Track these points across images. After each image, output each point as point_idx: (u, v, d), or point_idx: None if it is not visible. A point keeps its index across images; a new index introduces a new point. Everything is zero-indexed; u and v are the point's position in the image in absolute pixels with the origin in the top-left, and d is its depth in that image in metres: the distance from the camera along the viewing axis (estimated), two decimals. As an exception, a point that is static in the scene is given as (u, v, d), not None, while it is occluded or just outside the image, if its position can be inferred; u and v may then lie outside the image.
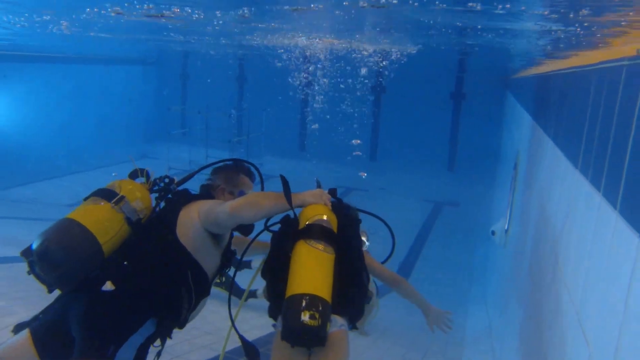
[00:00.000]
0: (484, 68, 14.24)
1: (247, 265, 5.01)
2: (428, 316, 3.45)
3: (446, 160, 17.14)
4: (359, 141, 14.79)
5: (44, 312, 2.55)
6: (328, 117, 16.39)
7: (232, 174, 3.02)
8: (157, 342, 2.62)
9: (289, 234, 2.61)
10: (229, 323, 2.89)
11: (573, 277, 2.55)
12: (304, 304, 2.22)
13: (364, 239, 6.16)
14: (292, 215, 2.72)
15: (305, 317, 2.18)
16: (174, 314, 2.62)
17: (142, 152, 19.51)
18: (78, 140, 17.16)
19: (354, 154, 14.95)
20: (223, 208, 2.57)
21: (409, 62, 13.67)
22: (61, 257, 2.39)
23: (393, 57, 12.64)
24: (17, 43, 13.13)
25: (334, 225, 2.61)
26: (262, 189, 2.99)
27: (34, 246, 2.42)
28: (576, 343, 2.25)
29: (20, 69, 15.55)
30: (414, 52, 10.90)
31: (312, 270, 2.37)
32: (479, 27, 5.44)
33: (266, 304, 2.84)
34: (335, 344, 2.52)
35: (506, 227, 6.90)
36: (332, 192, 2.87)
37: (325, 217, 2.59)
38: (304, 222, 2.58)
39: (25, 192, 14.08)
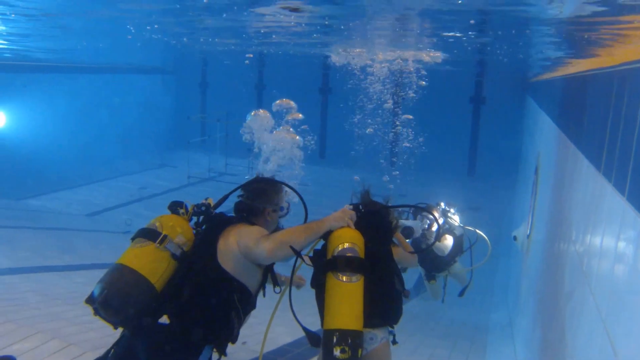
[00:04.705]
0: (504, 72, 14.12)
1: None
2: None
3: (466, 164, 17.01)
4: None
5: (115, 346, 2.86)
6: (348, 123, 16.41)
7: (274, 194, 3.16)
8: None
9: (321, 260, 2.83)
10: (263, 323, 3.14)
11: (598, 283, 2.50)
12: (334, 340, 2.56)
13: (444, 206, 6.09)
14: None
15: (337, 352, 2.54)
16: (226, 336, 2.89)
17: (162, 161, 19.66)
18: (97, 150, 17.33)
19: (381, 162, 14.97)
20: (261, 251, 2.77)
21: (427, 68, 13.63)
22: (121, 304, 2.68)
23: (412, 67, 12.67)
24: (36, 53, 13.34)
25: (359, 247, 2.78)
26: (305, 209, 3.18)
27: (95, 294, 2.69)
28: (602, 350, 2.20)
29: (40, 79, 15.71)
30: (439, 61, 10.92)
31: (340, 304, 2.65)
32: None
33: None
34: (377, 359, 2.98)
35: (528, 232, 6.81)
36: (356, 207, 3.10)
37: (348, 245, 2.76)
38: (331, 251, 2.79)
39: (45, 202, 14.25)
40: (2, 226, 10.33)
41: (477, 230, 6.38)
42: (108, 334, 4.25)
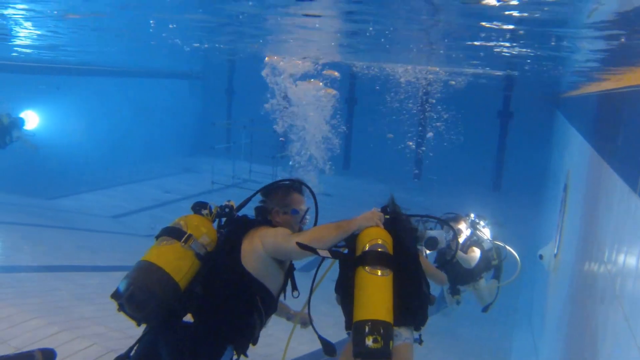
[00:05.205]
0: (533, 87, 13.93)
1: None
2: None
3: (491, 179, 16.78)
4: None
5: (138, 342, 2.91)
6: (372, 136, 16.34)
7: (282, 195, 3.16)
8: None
9: (350, 257, 2.89)
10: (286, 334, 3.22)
11: (632, 306, 2.42)
12: (367, 329, 2.56)
13: (460, 227, 5.88)
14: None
15: (369, 341, 2.53)
16: (248, 337, 2.94)
17: (186, 166, 19.79)
18: (123, 153, 17.54)
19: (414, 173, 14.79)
20: (293, 246, 2.79)
21: (455, 81, 13.50)
22: (146, 300, 2.70)
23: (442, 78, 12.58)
24: (69, 56, 13.58)
25: (389, 245, 2.85)
26: (316, 210, 3.22)
27: (121, 289, 2.73)
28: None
29: (72, 82, 15.95)
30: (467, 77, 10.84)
31: (371, 296, 2.67)
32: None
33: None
34: (400, 357, 2.95)
35: (555, 251, 6.65)
36: (384, 210, 3.19)
37: (379, 241, 2.84)
38: (361, 247, 2.85)
39: (72, 202, 14.45)
40: (32, 224, 10.50)
41: (507, 247, 6.22)
42: (130, 335, 4.32)
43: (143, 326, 2.93)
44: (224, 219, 3.16)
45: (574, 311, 4.48)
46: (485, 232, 6.26)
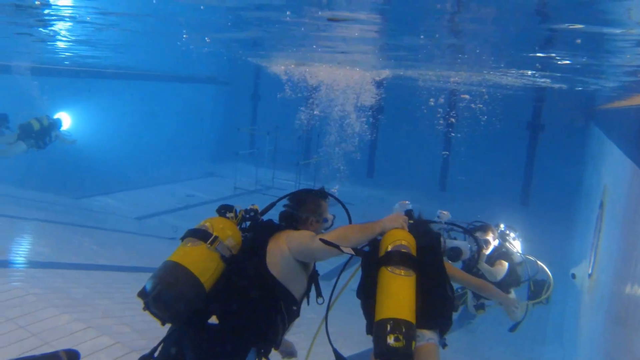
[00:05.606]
0: (566, 98, 13.50)
1: None
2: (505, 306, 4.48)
3: (519, 193, 16.34)
4: None
5: (163, 342, 2.94)
6: (397, 145, 16.10)
7: (315, 204, 3.19)
8: None
9: (374, 258, 2.87)
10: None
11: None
12: (388, 328, 2.51)
13: (488, 237, 5.57)
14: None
15: (390, 340, 2.48)
16: (271, 341, 2.94)
17: (209, 170, 19.82)
18: (150, 156, 17.66)
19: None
20: (318, 244, 2.80)
21: (484, 91, 13.19)
22: (172, 299, 2.71)
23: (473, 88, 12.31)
24: (100, 60, 13.72)
25: (412, 247, 2.84)
26: (349, 216, 3.23)
27: (148, 288, 2.74)
28: None
29: (101, 85, 16.16)
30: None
31: (394, 296, 2.64)
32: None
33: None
34: (423, 357, 2.93)
35: (590, 271, 6.32)
36: (409, 213, 3.21)
37: (403, 242, 2.82)
38: (384, 248, 2.83)
39: (99, 203, 14.58)
40: (61, 222, 10.61)
41: (538, 262, 5.88)
42: (154, 335, 4.33)
43: (167, 326, 2.93)
44: (248, 223, 3.18)
45: (615, 335, 4.20)
46: (516, 245, 5.95)
